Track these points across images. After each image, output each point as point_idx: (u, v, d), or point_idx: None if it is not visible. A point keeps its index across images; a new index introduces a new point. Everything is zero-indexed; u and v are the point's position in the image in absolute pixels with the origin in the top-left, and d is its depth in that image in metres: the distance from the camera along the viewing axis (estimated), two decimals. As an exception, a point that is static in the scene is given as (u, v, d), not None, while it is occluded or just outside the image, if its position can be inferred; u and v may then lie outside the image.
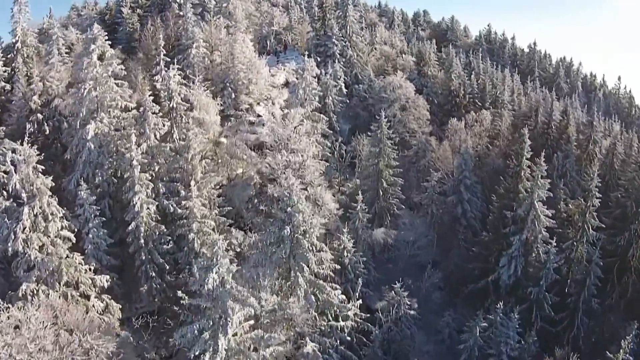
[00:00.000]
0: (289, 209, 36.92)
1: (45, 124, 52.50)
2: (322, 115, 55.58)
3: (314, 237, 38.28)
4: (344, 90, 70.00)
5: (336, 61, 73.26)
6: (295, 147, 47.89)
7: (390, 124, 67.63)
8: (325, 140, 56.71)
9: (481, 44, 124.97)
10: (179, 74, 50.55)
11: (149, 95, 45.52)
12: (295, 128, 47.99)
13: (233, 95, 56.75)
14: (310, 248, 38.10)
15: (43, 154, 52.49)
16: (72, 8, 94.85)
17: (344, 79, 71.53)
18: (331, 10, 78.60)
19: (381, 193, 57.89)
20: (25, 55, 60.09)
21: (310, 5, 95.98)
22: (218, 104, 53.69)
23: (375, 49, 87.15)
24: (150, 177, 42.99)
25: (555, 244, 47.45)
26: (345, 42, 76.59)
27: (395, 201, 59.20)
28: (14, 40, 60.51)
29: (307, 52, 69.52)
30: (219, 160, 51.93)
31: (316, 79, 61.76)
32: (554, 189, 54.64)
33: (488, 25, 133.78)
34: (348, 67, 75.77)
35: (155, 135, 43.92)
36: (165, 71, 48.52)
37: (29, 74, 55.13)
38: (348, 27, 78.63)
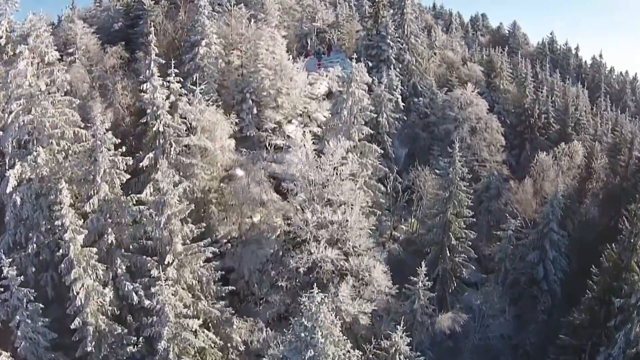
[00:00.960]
0: (310, 351, 18.10)
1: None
2: (374, 145, 36.07)
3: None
4: (401, 104, 50.33)
5: (391, 67, 53.81)
6: (333, 197, 28.99)
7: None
8: (376, 183, 37.54)
9: (545, 53, 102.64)
10: (177, 81, 32.25)
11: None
12: (335, 170, 28.91)
13: (255, 110, 37.96)
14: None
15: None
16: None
17: (400, 89, 51.88)
18: (385, 6, 58.95)
19: (447, 252, 38.81)
20: (12, 54, 42.62)
21: (360, 4, 76.01)
22: (232, 123, 35.08)
23: (435, 54, 66.80)
24: (104, 250, 24.85)
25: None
26: (402, 45, 56.88)
27: (463, 258, 40.01)
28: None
29: (355, 55, 51.01)
30: (229, 203, 33.37)
31: (366, 90, 43.29)
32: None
33: (551, 34, 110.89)
34: (405, 75, 56.16)
35: (113, 183, 25.36)
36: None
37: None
38: (405, 27, 58.83)
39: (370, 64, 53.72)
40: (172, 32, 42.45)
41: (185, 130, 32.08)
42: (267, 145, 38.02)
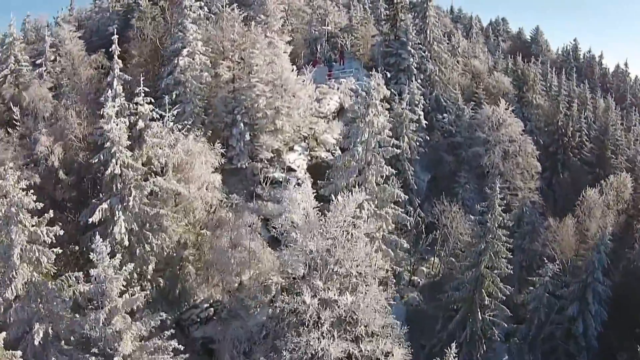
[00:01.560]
0: None
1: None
2: (396, 190, 27.64)
3: None
4: (423, 122, 41.94)
5: (412, 78, 45.59)
6: (342, 270, 21.04)
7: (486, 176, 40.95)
8: (397, 237, 29.33)
9: (569, 61, 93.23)
10: (148, 102, 24.47)
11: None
12: (345, 234, 20.92)
13: (248, 136, 29.87)
14: None
15: None
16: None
17: (422, 104, 43.47)
18: (405, 8, 50.67)
19: (479, 314, 30.85)
20: None
21: (376, 5, 67.25)
22: (217, 154, 27.15)
23: (458, 62, 58.13)
24: (40, 343, 17.17)
25: None
26: (423, 52, 48.58)
27: (494, 314, 32.27)
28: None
29: (372, 65, 43.21)
30: (209, 258, 25.42)
31: (385, 106, 35.65)
32: None
33: (574, 40, 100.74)
34: (427, 87, 47.86)
35: (38, 261, 17.47)
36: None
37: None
38: (428, 32, 50.51)
39: (388, 74, 45.72)
40: (155, 38, 34.34)
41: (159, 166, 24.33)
42: (263, 179, 30.08)
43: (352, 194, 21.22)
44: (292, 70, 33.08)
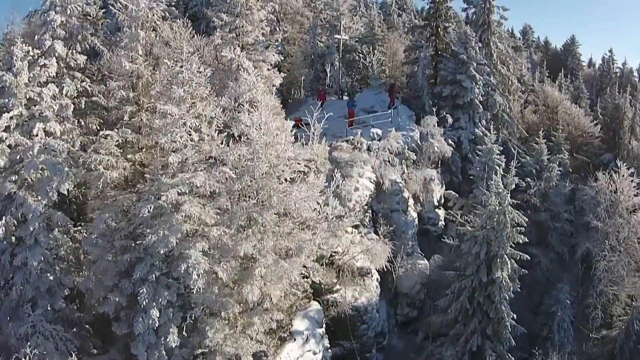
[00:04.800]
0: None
1: None
2: None
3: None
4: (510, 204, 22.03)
5: (479, 119, 26.92)
6: None
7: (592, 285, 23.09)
8: None
9: (610, 77, 73.86)
10: None
11: None
12: None
13: (173, 338, 10.59)
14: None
15: None
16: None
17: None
18: (450, 11, 31.48)
19: None
20: None
21: (387, 12, 47.55)
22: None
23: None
24: None
25: None
26: (488, 76, 29.43)
27: None
28: None
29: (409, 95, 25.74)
30: None
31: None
32: None
33: (610, 51, 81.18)
34: (492, 130, 28.65)
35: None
36: None
37: None
38: (492, 46, 31.36)
39: (450, 118, 26.87)
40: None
41: None
42: None
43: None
44: (283, 134, 13.80)
